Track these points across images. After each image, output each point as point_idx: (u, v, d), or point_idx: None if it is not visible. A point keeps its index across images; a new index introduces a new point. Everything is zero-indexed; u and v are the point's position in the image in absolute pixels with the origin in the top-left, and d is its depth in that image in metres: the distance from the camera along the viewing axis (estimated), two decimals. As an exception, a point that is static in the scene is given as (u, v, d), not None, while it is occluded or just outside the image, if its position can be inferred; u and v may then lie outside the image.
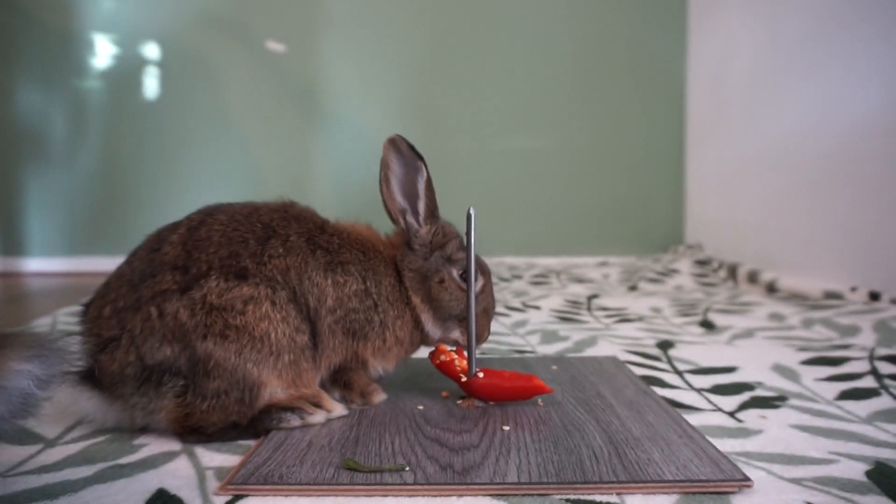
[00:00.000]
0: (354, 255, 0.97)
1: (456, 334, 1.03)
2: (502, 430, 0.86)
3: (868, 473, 0.75)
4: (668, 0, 3.43)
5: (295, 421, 0.87)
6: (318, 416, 0.89)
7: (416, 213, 1.01)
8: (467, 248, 0.97)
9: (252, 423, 0.86)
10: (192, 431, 0.85)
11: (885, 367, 1.23)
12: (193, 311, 0.82)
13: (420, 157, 0.97)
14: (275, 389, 0.88)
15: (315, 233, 0.96)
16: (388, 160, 0.97)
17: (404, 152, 0.97)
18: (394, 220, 1.03)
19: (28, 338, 0.70)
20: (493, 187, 3.45)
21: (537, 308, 2.02)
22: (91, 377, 0.84)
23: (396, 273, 1.01)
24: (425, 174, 0.98)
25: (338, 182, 3.41)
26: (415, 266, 1.01)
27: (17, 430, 0.87)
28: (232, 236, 0.89)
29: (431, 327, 1.02)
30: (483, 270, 1.04)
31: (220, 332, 0.82)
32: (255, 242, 0.90)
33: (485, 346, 1.47)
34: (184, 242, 0.87)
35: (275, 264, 0.89)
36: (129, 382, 0.82)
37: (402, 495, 0.69)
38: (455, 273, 1.01)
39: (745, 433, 0.89)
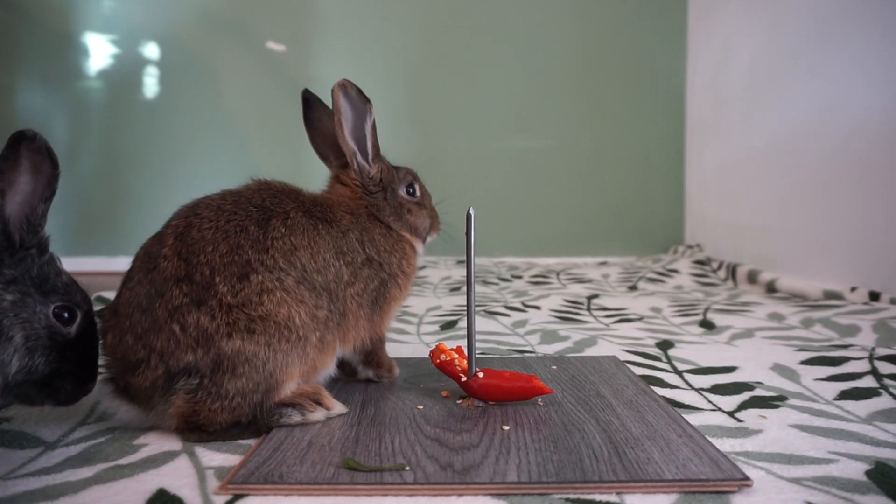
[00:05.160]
0: (349, 221, 1.01)
1: (429, 238, 1.17)
2: (502, 429, 0.86)
3: (868, 473, 0.75)
4: (668, 0, 3.43)
5: (296, 417, 0.87)
6: (318, 414, 0.89)
7: (364, 154, 1.07)
8: (467, 248, 0.97)
9: (253, 420, 0.86)
10: (193, 429, 0.84)
11: (885, 367, 1.23)
12: (213, 315, 0.82)
13: (367, 101, 1.02)
14: (292, 385, 0.89)
15: (309, 205, 0.98)
16: (340, 105, 1.01)
17: (353, 96, 1.02)
18: (334, 165, 1.12)
19: None
20: (493, 187, 3.45)
21: (537, 308, 2.02)
22: (126, 390, 0.86)
23: (376, 219, 1.07)
24: (372, 116, 1.05)
25: (338, 182, 3.41)
26: (386, 211, 1.08)
27: (17, 434, 0.87)
28: (227, 228, 0.88)
29: (420, 247, 1.15)
30: (414, 176, 1.15)
31: (245, 328, 0.83)
32: (256, 227, 0.89)
33: (485, 346, 1.48)
34: (178, 252, 0.86)
35: (278, 246, 0.89)
36: (158, 392, 0.84)
37: (402, 495, 0.69)
38: (406, 195, 1.11)
39: (744, 433, 0.89)
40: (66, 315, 0.80)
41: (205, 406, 0.83)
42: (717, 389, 1.11)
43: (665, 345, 1.48)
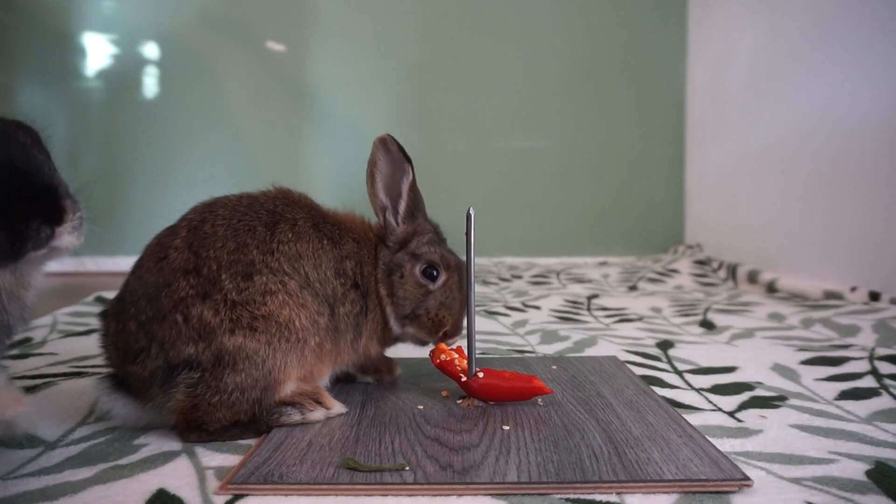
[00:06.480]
0: (351, 248, 1.00)
1: (410, 331, 1.03)
2: (502, 429, 0.86)
3: (868, 473, 0.75)
4: (668, 0, 3.43)
5: (295, 416, 0.88)
6: (317, 413, 0.89)
7: (396, 212, 1.05)
8: (467, 248, 0.97)
9: (253, 419, 0.86)
10: (193, 428, 0.85)
11: (885, 367, 1.23)
12: (217, 309, 0.83)
13: (408, 159, 1.00)
14: (291, 386, 0.89)
15: (319, 220, 0.98)
16: (377, 158, 1.01)
17: (393, 152, 1.00)
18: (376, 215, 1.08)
19: None
20: (493, 187, 3.45)
21: (537, 308, 2.02)
22: (124, 384, 0.86)
23: (375, 258, 1.04)
24: (411, 176, 1.02)
25: (335, 181, 3.41)
26: (385, 260, 1.03)
27: (17, 434, 0.87)
28: (237, 227, 0.89)
29: (393, 322, 1.03)
30: (448, 265, 1.04)
31: (248, 325, 0.84)
32: (264, 228, 0.90)
33: (485, 346, 1.47)
34: (189, 245, 0.87)
35: (283, 251, 0.90)
36: (156, 384, 0.84)
37: (402, 495, 0.69)
38: (417, 269, 1.02)
39: (744, 433, 0.89)
40: None
41: (204, 400, 0.83)
42: (718, 389, 1.11)
43: (665, 345, 1.48)
